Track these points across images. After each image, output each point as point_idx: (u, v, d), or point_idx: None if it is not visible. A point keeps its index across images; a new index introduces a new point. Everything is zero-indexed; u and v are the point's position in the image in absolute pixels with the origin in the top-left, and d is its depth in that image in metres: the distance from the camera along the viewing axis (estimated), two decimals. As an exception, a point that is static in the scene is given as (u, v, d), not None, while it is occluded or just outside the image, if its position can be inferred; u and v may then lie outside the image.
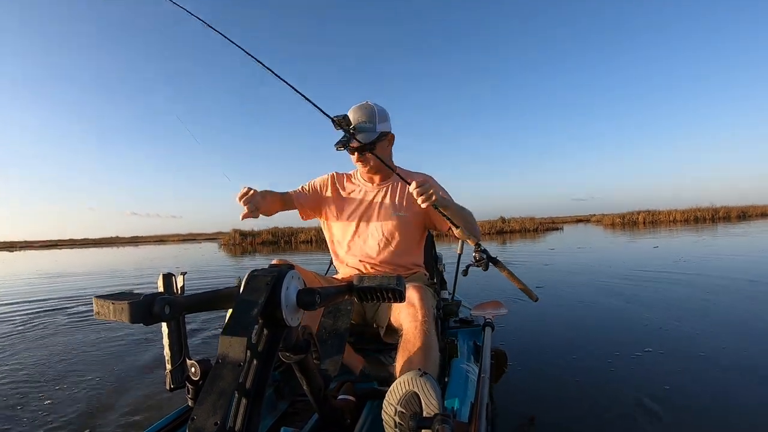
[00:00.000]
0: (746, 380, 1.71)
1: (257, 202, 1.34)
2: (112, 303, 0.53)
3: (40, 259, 15.71)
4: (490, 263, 1.48)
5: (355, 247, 1.58)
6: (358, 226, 1.58)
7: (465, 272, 1.82)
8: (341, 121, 1.44)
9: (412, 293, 1.22)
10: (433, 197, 1.31)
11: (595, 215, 31.57)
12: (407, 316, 1.19)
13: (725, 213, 22.72)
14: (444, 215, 1.43)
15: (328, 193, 1.63)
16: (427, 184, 1.32)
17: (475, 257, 1.48)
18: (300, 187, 1.65)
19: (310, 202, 1.62)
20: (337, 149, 1.49)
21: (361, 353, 1.51)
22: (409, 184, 1.33)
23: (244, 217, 1.33)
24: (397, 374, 1.05)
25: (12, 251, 29.18)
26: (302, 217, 1.65)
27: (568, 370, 1.90)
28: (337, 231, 1.63)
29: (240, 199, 1.32)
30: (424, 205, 1.34)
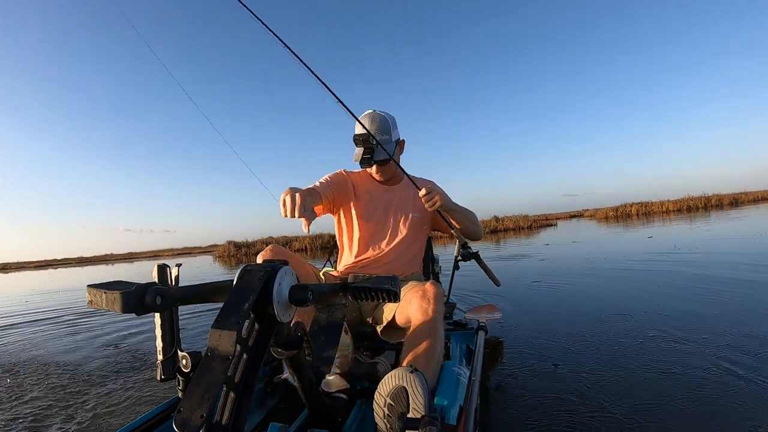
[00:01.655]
0: (749, 364, 1.70)
1: (309, 203, 1.19)
2: (105, 292, 0.53)
3: (37, 278, 15.54)
4: (473, 257, 1.69)
5: (366, 244, 1.60)
6: (372, 224, 1.61)
7: (457, 265, 1.93)
8: (365, 139, 1.51)
9: (430, 288, 1.22)
10: (438, 203, 1.47)
11: (588, 210, 31.54)
12: (418, 309, 1.17)
13: (717, 201, 22.88)
14: (446, 219, 1.59)
15: (347, 190, 1.63)
16: (433, 191, 1.47)
17: (460, 251, 1.69)
18: (318, 182, 1.57)
19: (332, 197, 1.58)
20: (362, 167, 1.59)
21: (357, 351, 1.51)
22: (419, 189, 1.49)
23: (307, 226, 1.17)
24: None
25: (6, 272, 28.84)
26: (317, 214, 1.59)
27: (566, 367, 1.85)
28: (351, 228, 1.63)
29: (289, 211, 1.13)
30: (430, 210, 1.49)
